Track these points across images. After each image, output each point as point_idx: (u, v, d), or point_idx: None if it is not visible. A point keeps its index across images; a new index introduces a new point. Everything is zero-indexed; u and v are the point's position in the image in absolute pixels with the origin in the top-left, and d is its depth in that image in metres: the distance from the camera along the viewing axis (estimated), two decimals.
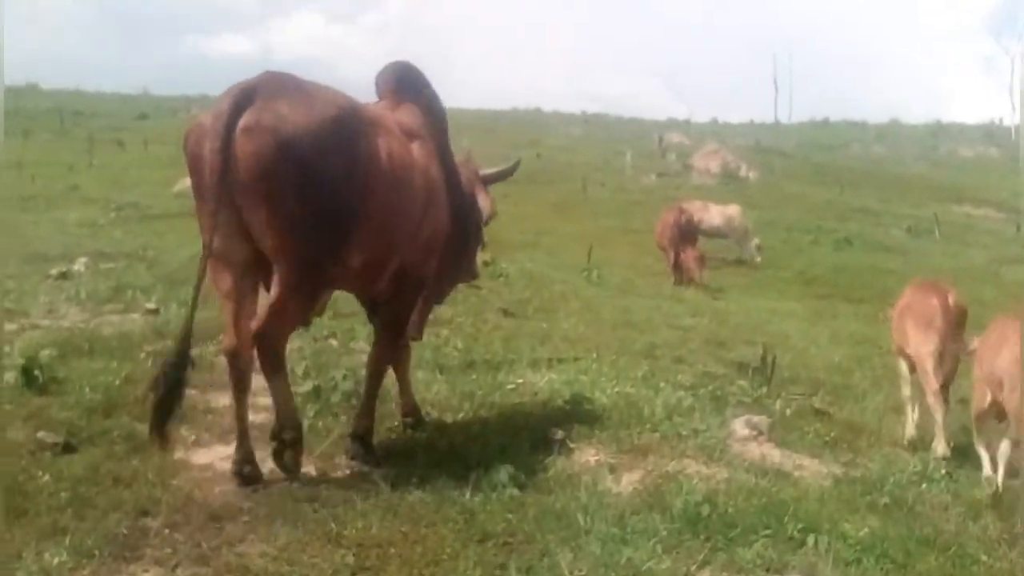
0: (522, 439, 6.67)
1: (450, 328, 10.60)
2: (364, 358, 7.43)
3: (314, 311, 6.34)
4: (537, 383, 8.41)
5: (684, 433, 7.16)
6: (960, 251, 30.64)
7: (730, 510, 5.56)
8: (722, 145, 47.82)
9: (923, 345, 8.56)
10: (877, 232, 32.37)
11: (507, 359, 9.38)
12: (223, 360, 6.23)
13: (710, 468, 6.50)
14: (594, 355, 9.86)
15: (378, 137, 5.84)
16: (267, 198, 5.27)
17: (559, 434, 6.63)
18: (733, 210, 26.77)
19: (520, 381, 8.56)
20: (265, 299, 5.69)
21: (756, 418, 7.42)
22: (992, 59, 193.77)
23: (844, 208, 36.70)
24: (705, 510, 5.49)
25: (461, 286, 12.80)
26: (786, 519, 5.47)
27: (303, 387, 7.28)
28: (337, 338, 9.51)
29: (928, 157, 64.09)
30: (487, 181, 7.65)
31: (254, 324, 5.55)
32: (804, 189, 40.76)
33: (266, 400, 7.15)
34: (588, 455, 6.58)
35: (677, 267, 21.52)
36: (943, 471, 7.12)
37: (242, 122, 5.23)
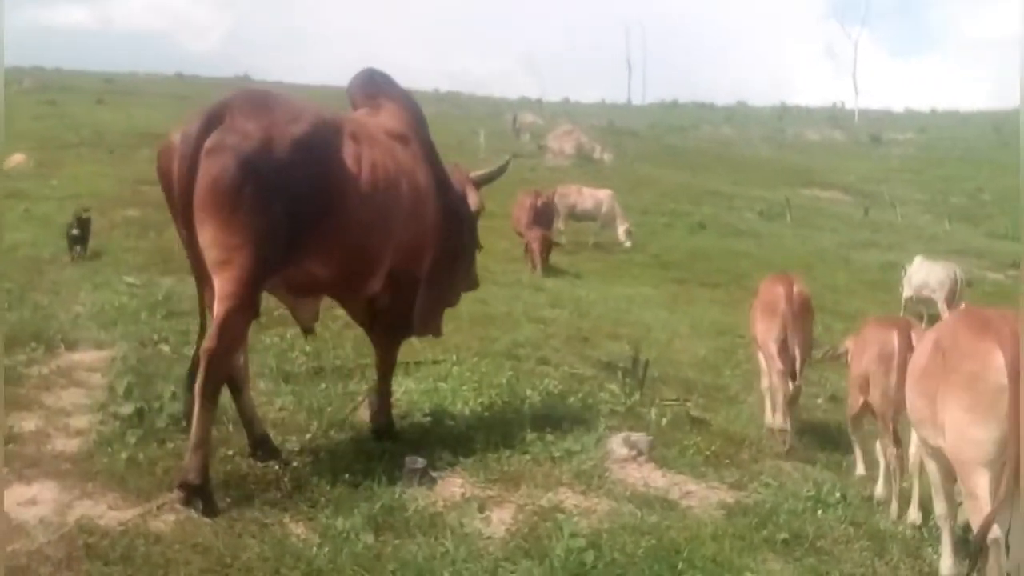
0: (377, 467, 5.86)
1: (296, 328, 9.69)
2: None
3: (310, 320, 6.67)
4: (393, 394, 7.62)
5: (557, 455, 6.48)
6: (811, 235, 30.96)
7: (616, 556, 4.90)
8: (575, 126, 47.60)
9: (767, 332, 9.01)
10: (730, 215, 32.51)
11: (359, 364, 8.54)
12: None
13: (589, 499, 5.83)
14: (454, 357, 9.12)
15: (357, 148, 5.94)
16: (222, 213, 5.24)
17: (419, 462, 5.82)
18: (604, 194, 26.51)
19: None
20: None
21: (634, 435, 6.77)
22: (832, 44, 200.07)
23: (697, 191, 36.81)
24: (589, 557, 4.82)
25: None
26: (681, 565, 4.83)
27: (124, 408, 6.30)
28: (169, 343, 8.49)
29: (775, 139, 65.30)
30: (478, 183, 7.64)
31: (205, 344, 5.46)
32: (657, 171, 40.81)
33: (78, 423, 6.27)
34: (453, 486, 5.82)
35: (531, 254, 21.00)
36: (837, 494, 6.59)
37: (208, 143, 5.25)
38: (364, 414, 7.08)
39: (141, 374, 7.27)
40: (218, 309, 5.44)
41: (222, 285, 5.39)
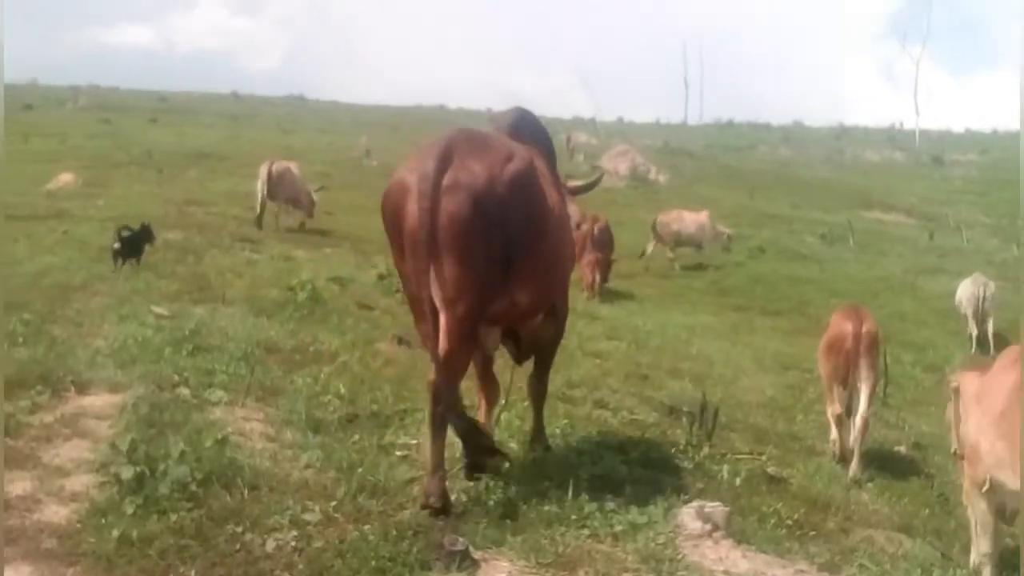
0: (410, 547, 5.02)
1: (332, 366, 8.91)
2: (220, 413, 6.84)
3: (494, 347, 7.04)
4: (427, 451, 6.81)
5: (620, 528, 5.60)
6: (875, 260, 29.82)
7: None
8: (630, 146, 46.69)
9: (831, 373, 9.18)
10: (791, 239, 31.44)
11: (398, 410, 7.74)
12: None
13: None
14: (502, 401, 8.28)
15: (545, 186, 6.48)
16: (459, 250, 5.69)
17: (459, 543, 4.95)
18: (704, 216, 27.06)
19: (413, 442, 6.95)
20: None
21: (709, 506, 5.85)
22: (891, 63, 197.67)
23: (756, 213, 35.73)
24: None
25: (354, 308, 11.25)
26: None
27: (124, 471, 5.46)
28: (190, 385, 7.70)
29: (834, 160, 63.77)
30: (574, 193, 8.11)
31: (430, 377, 5.89)
32: (714, 193, 39.72)
33: (74, 485, 5.51)
34: (499, 572, 4.96)
35: (591, 281, 20.25)
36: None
37: (445, 181, 5.69)
38: (403, 471, 6.30)
39: (152, 425, 6.47)
40: (445, 344, 5.82)
41: (450, 320, 5.81)
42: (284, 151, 37.84)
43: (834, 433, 9.19)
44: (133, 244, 13.36)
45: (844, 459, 8.91)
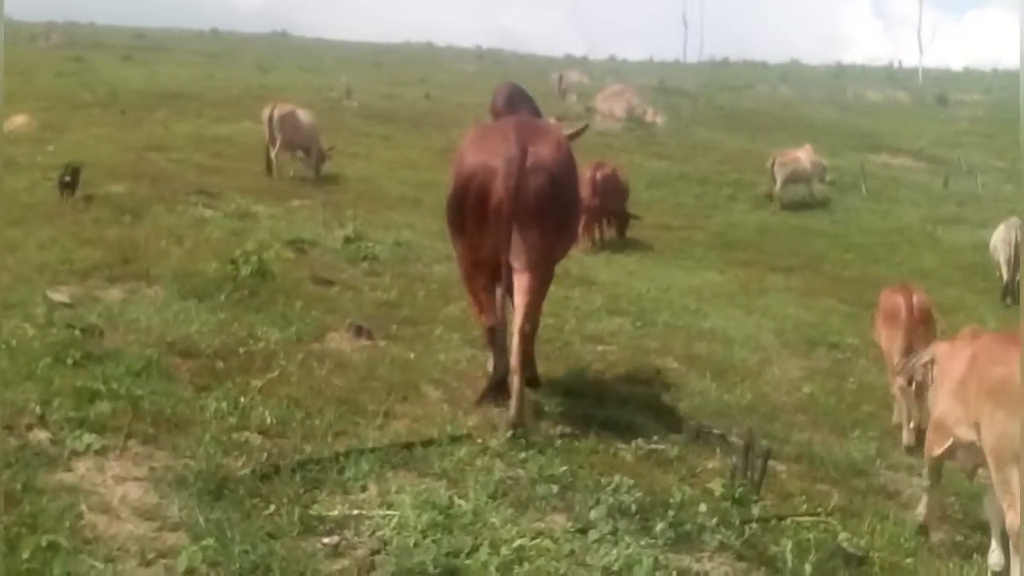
0: None
1: (263, 375, 6.92)
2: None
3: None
4: (378, 524, 4.84)
5: None
6: (889, 208, 27.92)
7: None
8: (626, 85, 44.31)
9: (890, 342, 9.29)
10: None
11: (339, 452, 5.75)
12: None
13: None
14: (478, 440, 6.30)
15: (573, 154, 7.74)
16: (541, 219, 6.94)
17: None
18: (812, 153, 27.99)
19: (354, 514, 4.98)
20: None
21: None
22: (881, 1, 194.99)
23: (760, 158, 33.44)
24: None
25: (308, 285, 9.44)
26: None
27: None
28: (49, 425, 5.59)
29: (836, 101, 61.44)
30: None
31: (520, 324, 6.97)
32: (715, 136, 37.58)
33: None
34: None
35: (589, 231, 18.52)
36: None
37: (528, 164, 6.90)
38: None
39: None
40: (531, 299, 6.99)
41: (534, 278, 6.99)
42: (260, 90, 35.70)
43: (898, 414, 9.04)
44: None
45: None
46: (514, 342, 6.92)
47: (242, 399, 6.32)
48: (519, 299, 6.96)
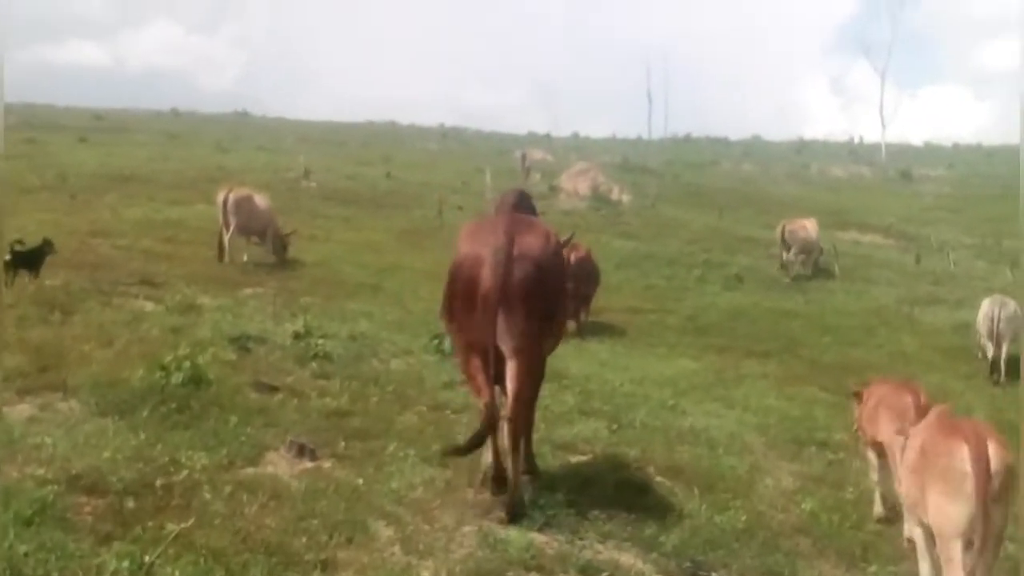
0: None
1: (181, 517, 5.83)
2: None
3: None
4: None
5: None
6: (864, 289, 27.25)
7: None
8: (591, 164, 43.82)
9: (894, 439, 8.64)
10: (770, 265, 28.69)
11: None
12: None
13: None
14: None
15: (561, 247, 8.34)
16: (526, 306, 7.13)
17: None
18: (816, 224, 28.98)
19: None
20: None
21: None
22: (840, 77, 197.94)
23: (728, 236, 32.97)
24: None
25: (248, 392, 8.44)
26: None
27: None
28: None
29: (800, 176, 61.43)
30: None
31: (511, 411, 7.24)
32: (681, 214, 36.98)
33: None
34: None
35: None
36: None
37: (515, 252, 7.18)
38: None
39: None
40: (519, 384, 7.25)
41: (521, 364, 7.23)
42: (216, 172, 34.76)
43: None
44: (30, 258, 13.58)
45: None
46: (505, 429, 7.23)
47: (147, 556, 5.21)
48: (509, 386, 7.20)
